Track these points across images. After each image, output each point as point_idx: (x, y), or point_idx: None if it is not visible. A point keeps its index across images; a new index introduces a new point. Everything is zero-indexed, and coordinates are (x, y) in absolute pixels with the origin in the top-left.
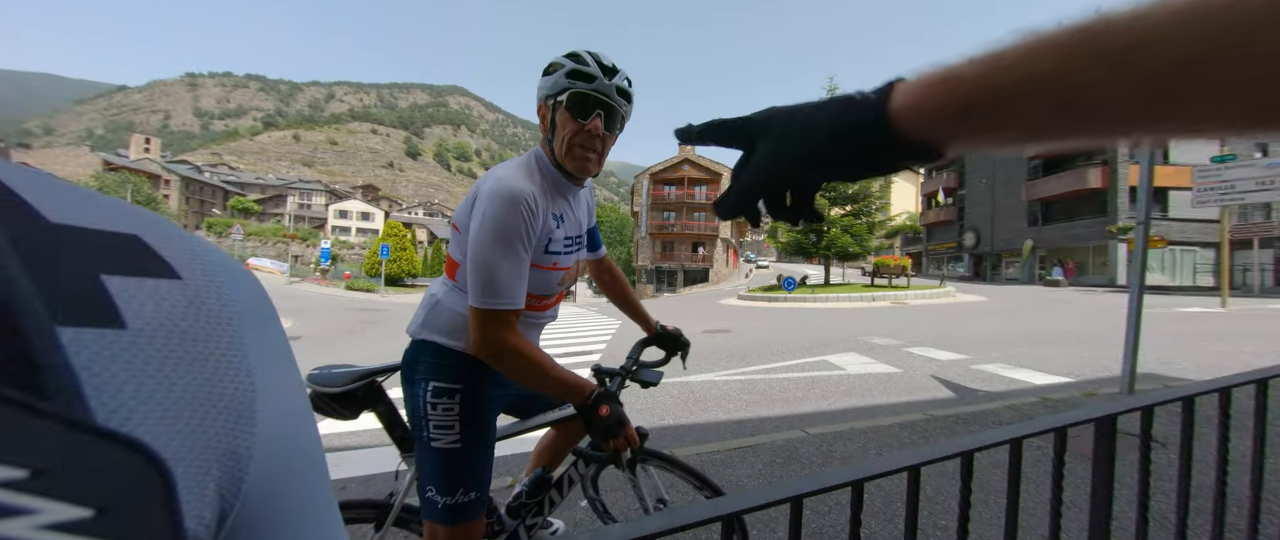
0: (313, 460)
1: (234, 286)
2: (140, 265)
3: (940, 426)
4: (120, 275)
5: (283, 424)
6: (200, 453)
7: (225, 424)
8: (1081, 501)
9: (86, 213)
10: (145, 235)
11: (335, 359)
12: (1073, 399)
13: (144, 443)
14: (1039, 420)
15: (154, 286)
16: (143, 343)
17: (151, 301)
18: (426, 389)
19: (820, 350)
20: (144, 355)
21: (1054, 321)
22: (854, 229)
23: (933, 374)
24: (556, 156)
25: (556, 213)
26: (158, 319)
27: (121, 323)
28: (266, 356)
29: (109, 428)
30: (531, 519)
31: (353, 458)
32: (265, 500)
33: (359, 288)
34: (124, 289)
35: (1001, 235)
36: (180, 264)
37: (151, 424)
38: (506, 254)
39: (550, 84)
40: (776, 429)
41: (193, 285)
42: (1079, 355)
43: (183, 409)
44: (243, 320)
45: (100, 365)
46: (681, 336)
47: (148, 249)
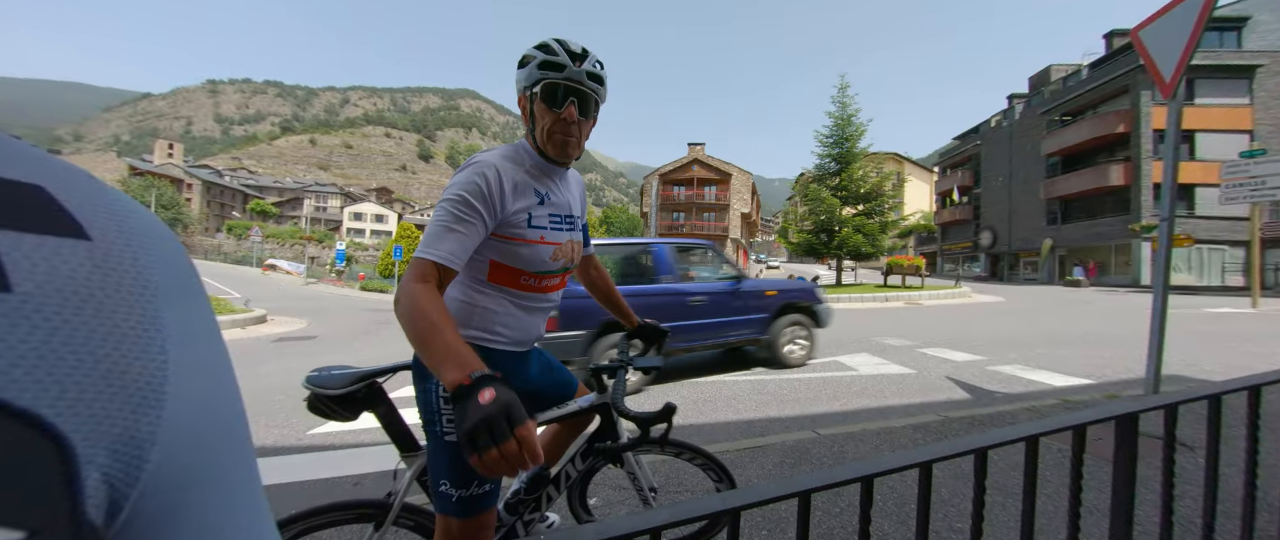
0: (238, 448)
1: (154, 254)
2: (39, 221)
3: (955, 428)
4: (12, 230)
5: (201, 409)
6: (93, 434)
7: (124, 405)
8: (1102, 505)
9: None
10: (52, 187)
11: (351, 358)
12: (1093, 400)
13: (36, 414)
14: (1056, 418)
15: (54, 246)
16: (29, 310)
17: (47, 263)
18: (438, 384)
19: (832, 351)
20: (30, 323)
21: (1074, 322)
22: (866, 228)
23: (948, 375)
24: (539, 144)
25: (539, 190)
26: (53, 283)
27: (4, 285)
28: (186, 334)
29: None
30: (528, 515)
31: (351, 457)
32: (175, 489)
33: (373, 288)
34: (16, 246)
35: (1019, 234)
36: (92, 224)
37: (45, 396)
38: (451, 210)
39: (524, 76)
40: (787, 430)
41: (103, 248)
42: (1100, 357)
43: (72, 385)
44: (160, 292)
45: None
46: (660, 327)
47: (52, 202)
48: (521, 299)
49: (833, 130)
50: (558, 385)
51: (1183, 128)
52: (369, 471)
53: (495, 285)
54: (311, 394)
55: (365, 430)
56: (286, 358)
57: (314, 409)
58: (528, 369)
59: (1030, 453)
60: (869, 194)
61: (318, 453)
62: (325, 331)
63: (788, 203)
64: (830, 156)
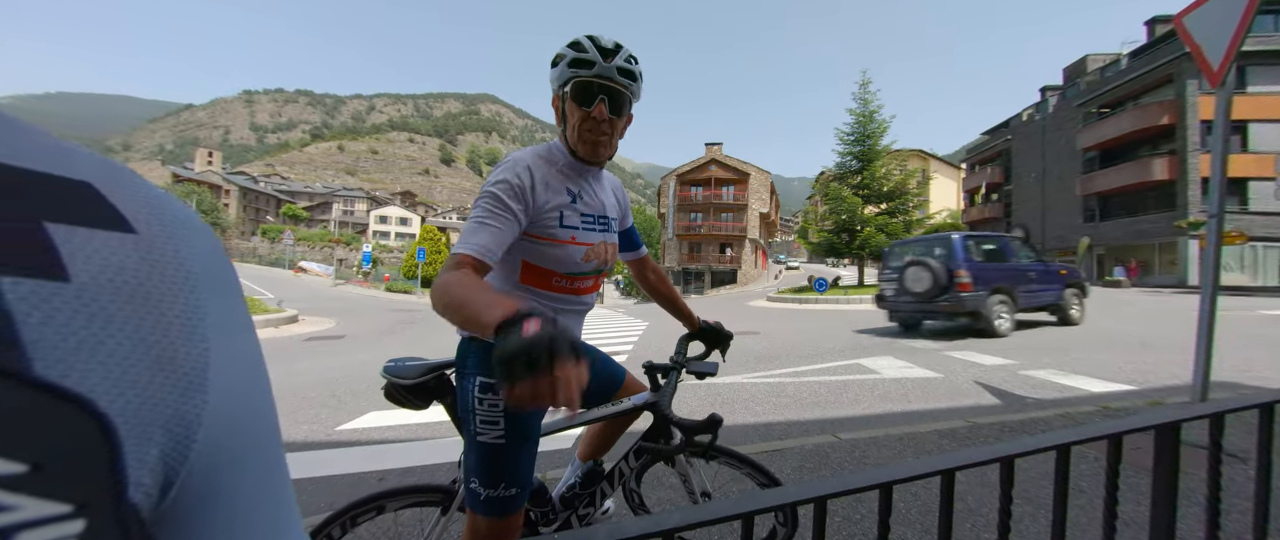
0: (270, 434)
1: (194, 247)
2: (90, 215)
3: (984, 435)
4: (66, 224)
5: (238, 394)
6: (146, 416)
7: (175, 388)
8: (1140, 519)
9: (36, 156)
10: (100, 184)
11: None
12: (1134, 408)
13: (87, 398)
14: (1090, 426)
15: (103, 239)
16: (88, 297)
17: (100, 255)
18: (474, 384)
19: (853, 353)
20: (89, 311)
21: (1115, 325)
22: (890, 228)
23: (976, 379)
24: (570, 144)
25: (571, 190)
26: (106, 274)
27: (64, 275)
28: (224, 324)
29: (48, 380)
30: (584, 508)
31: (378, 452)
32: (215, 469)
33: (397, 289)
34: (69, 239)
35: (1053, 233)
36: (137, 218)
37: (95, 380)
38: (485, 206)
39: (556, 75)
40: (806, 433)
41: (147, 241)
42: (1144, 361)
43: (129, 369)
44: (200, 283)
45: (42, 316)
46: (723, 330)
47: (101, 198)
48: (554, 301)
49: (854, 127)
50: (604, 379)
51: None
52: (392, 467)
53: (527, 287)
54: (388, 383)
55: (389, 427)
56: (317, 356)
57: (389, 396)
58: None
59: (1061, 462)
60: (892, 192)
61: (345, 448)
62: (353, 331)
63: (807, 202)
64: (851, 154)
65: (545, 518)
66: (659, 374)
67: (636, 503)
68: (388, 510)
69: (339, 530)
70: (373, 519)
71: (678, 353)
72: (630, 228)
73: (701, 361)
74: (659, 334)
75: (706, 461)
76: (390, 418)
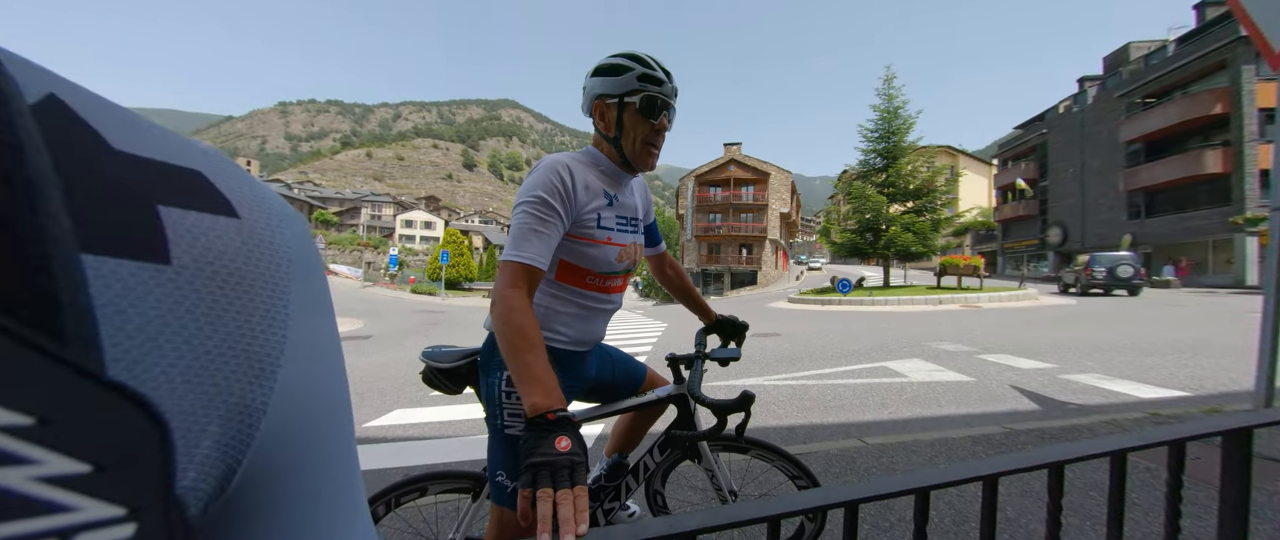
0: (340, 417)
1: (291, 232)
2: (200, 200)
3: (1022, 441)
4: (178, 208)
5: (308, 378)
6: (206, 407)
7: (244, 376)
8: (1200, 534)
9: (152, 145)
10: (209, 173)
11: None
12: (1190, 415)
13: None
14: (1147, 432)
15: (211, 223)
16: (183, 281)
17: (205, 238)
18: (501, 378)
19: (879, 356)
20: (179, 295)
21: (1163, 327)
22: (917, 227)
23: (1012, 384)
24: (626, 154)
25: (609, 192)
26: (207, 257)
27: (165, 257)
28: (307, 308)
29: (117, 380)
30: (609, 503)
31: (401, 449)
32: (280, 451)
33: (422, 291)
34: (179, 222)
35: (1094, 230)
36: (241, 203)
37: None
38: (533, 211)
39: (618, 84)
40: (830, 437)
41: (249, 225)
42: (1197, 366)
43: (201, 357)
44: (293, 268)
45: (127, 304)
46: (738, 321)
47: (210, 186)
48: (586, 299)
49: (878, 124)
50: (627, 376)
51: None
52: (416, 463)
53: (562, 284)
54: (427, 367)
55: (413, 425)
56: (346, 355)
57: (427, 380)
58: (588, 367)
59: (1116, 470)
60: (919, 190)
61: (372, 444)
62: (379, 331)
63: (829, 201)
64: (876, 151)
65: None
66: (682, 364)
67: (659, 504)
68: (430, 493)
69: (383, 509)
70: (415, 500)
71: (698, 344)
72: (651, 223)
73: (722, 349)
74: (679, 336)
75: (739, 451)
76: (415, 415)
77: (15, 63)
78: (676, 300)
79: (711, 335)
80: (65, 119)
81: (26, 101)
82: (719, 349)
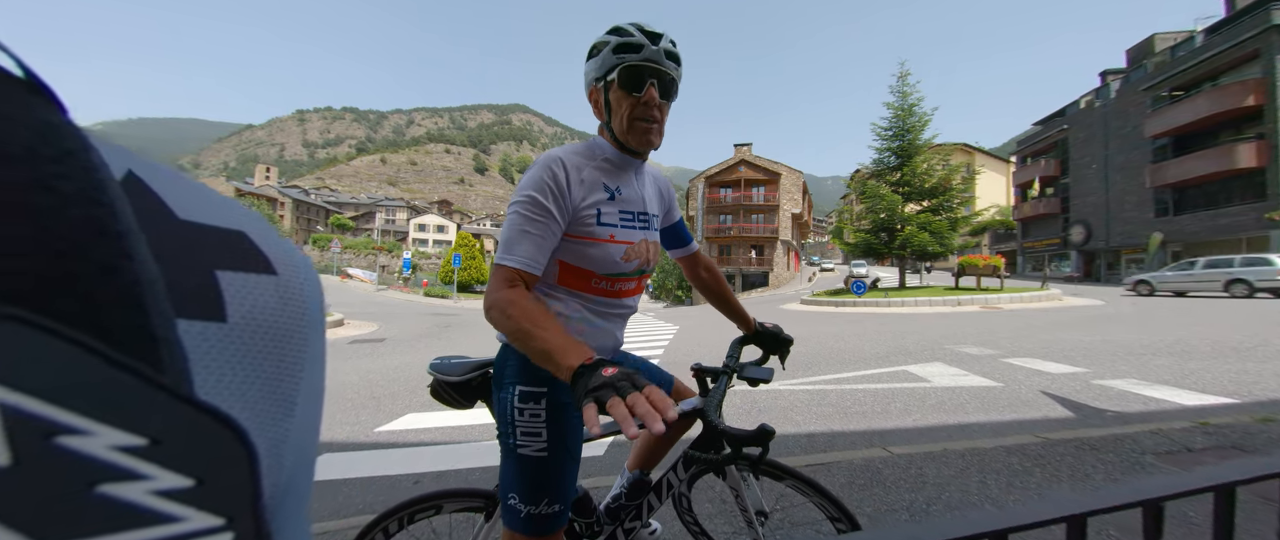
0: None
1: (314, 288)
2: (246, 261)
3: (1061, 453)
4: (231, 271)
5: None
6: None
7: (278, 415)
8: None
9: (204, 209)
10: (250, 232)
11: (415, 359)
12: (1245, 425)
13: (236, 420)
14: (1256, 460)
15: (255, 282)
16: (236, 335)
17: (251, 297)
18: (513, 393)
19: (899, 359)
20: (235, 346)
21: (1201, 328)
22: (933, 226)
23: (1042, 389)
24: (617, 136)
25: (609, 186)
26: (253, 313)
27: (223, 316)
28: (315, 358)
29: (210, 404)
30: (630, 522)
31: (414, 455)
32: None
33: (435, 294)
34: (232, 284)
35: (1119, 228)
36: (277, 260)
37: (238, 407)
38: (524, 211)
39: (597, 65)
40: (852, 446)
41: (284, 281)
42: (1244, 370)
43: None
44: (313, 323)
45: (204, 350)
46: (782, 333)
47: (253, 246)
48: (595, 304)
49: (892, 122)
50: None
51: None
52: (428, 471)
53: (566, 289)
54: (434, 380)
55: (425, 430)
56: (360, 358)
57: (435, 394)
58: None
59: (1223, 507)
60: (935, 189)
61: (384, 450)
62: (393, 334)
63: (842, 202)
64: (890, 150)
65: (589, 530)
66: (708, 378)
67: (685, 507)
68: (444, 511)
69: (396, 525)
70: (429, 518)
71: (730, 357)
72: (678, 223)
73: (756, 367)
74: (691, 341)
75: (758, 477)
76: (427, 420)
77: (98, 140)
78: (711, 305)
79: (748, 346)
80: (143, 193)
81: (115, 176)
82: (751, 367)
